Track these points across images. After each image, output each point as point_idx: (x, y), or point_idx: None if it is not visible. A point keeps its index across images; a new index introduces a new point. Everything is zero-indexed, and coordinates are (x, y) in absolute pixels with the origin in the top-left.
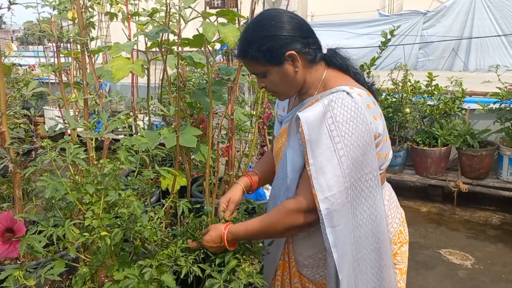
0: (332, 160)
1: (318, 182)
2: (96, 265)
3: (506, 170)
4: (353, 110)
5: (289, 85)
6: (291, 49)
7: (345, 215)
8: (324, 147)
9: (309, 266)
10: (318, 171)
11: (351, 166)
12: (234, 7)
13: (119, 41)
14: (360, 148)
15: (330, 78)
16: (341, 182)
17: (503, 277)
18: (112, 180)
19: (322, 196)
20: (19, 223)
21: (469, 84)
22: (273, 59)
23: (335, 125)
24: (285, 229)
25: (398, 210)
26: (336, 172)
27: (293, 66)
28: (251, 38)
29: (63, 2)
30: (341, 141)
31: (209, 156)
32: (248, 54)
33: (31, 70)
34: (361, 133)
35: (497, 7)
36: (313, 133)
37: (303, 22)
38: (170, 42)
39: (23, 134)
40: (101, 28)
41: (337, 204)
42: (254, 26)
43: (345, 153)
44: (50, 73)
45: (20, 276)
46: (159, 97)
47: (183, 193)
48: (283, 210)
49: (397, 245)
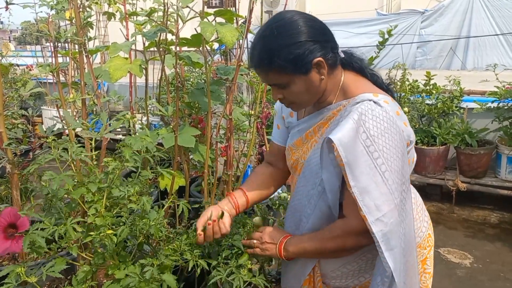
0: (375, 178)
1: (365, 203)
2: (97, 263)
3: (504, 169)
4: (385, 121)
5: (313, 94)
6: (318, 55)
7: (400, 235)
8: (363, 166)
9: (337, 278)
10: (362, 192)
11: (396, 180)
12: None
13: (117, 41)
14: (400, 159)
15: (348, 83)
16: (390, 200)
17: (501, 276)
18: (116, 179)
19: (373, 218)
20: (23, 219)
21: (467, 83)
22: (301, 68)
23: (370, 140)
24: (335, 251)
25: (425, 213)
26: (382, 190)
27: (319, 74)
28: (275, 46)
29: (61, 1)
30: (380, 156)
31: (207, 156)
32: (273, 64)
33: (29, 70)
34: (398, 144)
35: (495, 6)
36: (349, 154)
37: (323, 24)
38: (168, 42)
39: (21, 135)
40: (99, 27)
41: (391, 224)
42: (276, 33)
43: (388, 168)
44: (47, 73)
45: (22, 273)
46: (157, 97)
47: (181, 193)
48: (333, 233)
49: (426, 250)
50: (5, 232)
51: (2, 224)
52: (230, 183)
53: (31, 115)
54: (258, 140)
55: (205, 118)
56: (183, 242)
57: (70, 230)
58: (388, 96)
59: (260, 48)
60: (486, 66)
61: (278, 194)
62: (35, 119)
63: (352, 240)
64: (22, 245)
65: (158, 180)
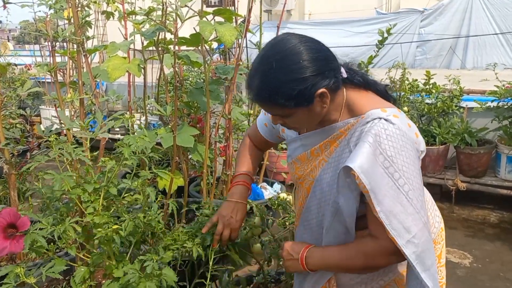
0: (400, 199)
1: (393, 227)
2: (95, 264)
3: (504, 168)
4: (400, 139)
5: (314, 121)
6: (321, 87)
7: (433, 252)
8: (386, 188)
9: (356, 285)
10: (389, 215)
11: (420, 197)
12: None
13: (115, 40)
14: (419, 176)
15: (353, 100)
16: (418, 219)
17: (501, 275)
18: (113, 178)
19: (403, 241)
20: (23, 218)
21: (467, 82)
22: (303, 102)
23: (389, 161)
24: (363, 269)
25: (435, 207)
26: (409, 211)
27: (322, 103)
28: (276, 83)
29: (59, 1)
30: (401, 176)
31: (206, 155)
32: (273, 101)
33: (27, 70)
34: (414, 160)
35: (494, 5)
36: (372, 179)
37: (324, 48)
38: (167, 41)
39: (18, 135)
40: (98, 27)
41: (422, 243)
42: (277, 67)
43: (410, 187)
44: (46, 72)
45: (21, 273)
46: (156, 97)
47: (180, 193)
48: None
49: (440, 244)
50: (5, 232)
51: (1, 224)
52: (229, 183)
53: (30, 114)
54: None
55: (204, 117)
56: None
57: (69, 229)
58: (395, 107)
59: (259, 82)
60: (486, 65)
61: (277, 194)
62: (34, 118)
63: (384, 260)
64: (22, 244)
65: (157, 180)
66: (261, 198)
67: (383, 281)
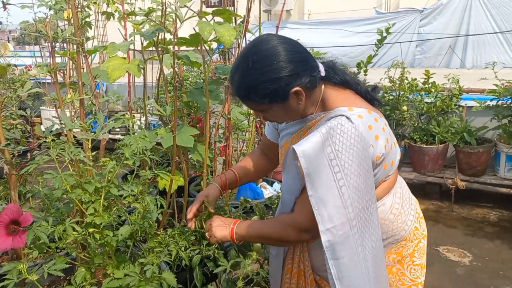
0: (333, 191)
1: (320, 213)
2: (95, 263)
3: (503, 167)
4: (353, 138)
5: (292, 115)
6: (295, 86)
7: (350, 247)
8: (324, 178)
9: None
10: (319, 202)
11: (353, 195)
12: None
13: (115, 41)
14: (361, 176)
15: (328, 96)
16: (343, 214)
17: (501, 274)
18: (113, 178)
19: (324, 228)
20: (26, 214)
21: (466, 81)
22: (277, 99)
23: (334, 154)
24: (278, 240)
25: (412, 207)
26: (336, 203)
27: (297, 100)
28: (252, 82)
29: (59, 2)
30: (340, 171)
31: (206, 155)
32: (250, 98)
33: (28, 70)
34: (361, 161)
35: (493, 4)
36: (311, 165)
37: (302, 49)
38: (166, 41)
39: (19, 135)
40: (98, 27)
41: (339, 236)
42: (253, 67)
43: (345, 183)
44: (46, 73)
45: (24, 270)
46: (155, 97)
47: (180, 192)
48: (279, 223)
49: (413, 242)
50: (8, 228)
51: (4, 221)
52: None
53: (30, 115)
54: (257, 139)
55: (203, 117)
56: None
57: (69, 229)
58: (365, 108)
59: (237, 80)
60: (485, 64)
61: (277, 193)
62: (34, 119)
63: (294, 234)
64: (25, 240)
65: (157, 180)
66: (261, 197)
67: None
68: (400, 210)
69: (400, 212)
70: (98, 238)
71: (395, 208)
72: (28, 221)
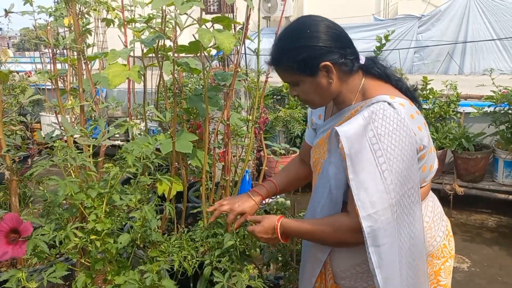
0: (375, 175)
1: (360, 198)
2: (96, 269)
3: (502, 173)
4: (395, 122)
5: (322, 95)
6: (326, 60)
7: (391, 234)
8: (365, 162)
9: (346, 279)
10: (360, 187)
11: (395, 181)
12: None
13: (115, 47)
14: (404, 162)
15: (368, 87)
16: (385, 199)
17: (499, 280)
18: (116, 184)
19: (365, 213)
20: (26, 224)
21: (464, 87)
22: (307, 70)
23: (376, 138)
24: (335, 243)
25: (443, 223)
26: (379, 188)
27: (328, 78)
28: (285, 47)
29: (60, 8)
30: (383, 155)
31: (205, 161)
32: (282, 63)
33: (28, 77)
34: (405, 146)
35: (491, 11)
36: (353, 147)
37: (341, 31)
38: (166, 48)
39: (19, 141)
40: (98, 34)
41: (381, 222)
42: (289, 35)
43: (388, 167)
44: (46, 80)
45: (23, 278)
46: (155, 103)
47: (179, 198)
48: (336, 224)
49: (440, 260)
50: (7, 237)
51: (4, 229)
52: (228, 188)
53: (30, 121)
54: (256, 145)
55: (203, 123)
56: (171, 244)
57: (70, 235)
58: (407, 100)
59: (275, 46)
60: (482, 70)
61: (276, 199)
62: (34, 125)
63: (352, 236)
64: (25, 250)
65: (156, 186)
66: None
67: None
68: (430, 224)
69: (430, 226)
70: (98, 246)
71: (425, 222)
72: (28, 231)
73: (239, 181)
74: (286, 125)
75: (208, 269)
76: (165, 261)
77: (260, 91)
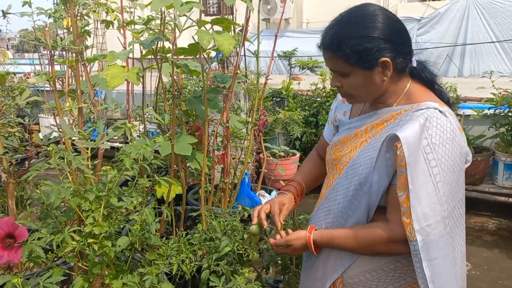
0: (427, 186)
1: (414, 210)
2: (93, 273)
3: (502, 176)
4: (448, 131)
5: (370, 92)
6: (386, 55)
7: (443, 247)
8: (419, 172)
9: (354, 285)
10: (414, 198)
11: (448, 193)
12: (229, 14)
13: (114, 49)
14: (455, 173)
15: (415, 91)
16: (438, 211)
17: (499, 283)
18: (114, 187)
19: (418, 226)
20: (21, 229)
21: (463, 90)
22: (365, 62)
23: (430, 147)
24: (373, 253)
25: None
26: (432, 200)
27: (382, 74)
28: (347, 33)
29: (59, 10)
30: (437, 165)
31: (204, 163)
32: (340, 51)
33: (26, 78)
34: (456, 157)
35: (491, 13)
36: (411, 155)
37: (404, 27)
38: (165, 50)
39: (17, 143)
40: (97, 35)
41: (434, 235)
42: (353, 21)
43: (442, 179)
44: (44, 81)
45: (18, 284)
46: (154, 105)
47: (178, 201)
48: (375, 236)
49: None
50: (3, 242)
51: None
52: (228, 190)
53: (28, 123)
54: (255, 148)
55: (202, 125)
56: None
57: (67, 238)
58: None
59: (334, 31)
60: (482, 73)
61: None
62: (33, 127)
63: (389, 246)
64: (20, 255)
65: (155, 188)
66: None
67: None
68: None
69: None
70: (96, 249)
71: None
72: (23, 236)
73: (239, 183)
74: (286, 127)
75: (206, 273)
76: (164, 264)
77: (259, 93)
